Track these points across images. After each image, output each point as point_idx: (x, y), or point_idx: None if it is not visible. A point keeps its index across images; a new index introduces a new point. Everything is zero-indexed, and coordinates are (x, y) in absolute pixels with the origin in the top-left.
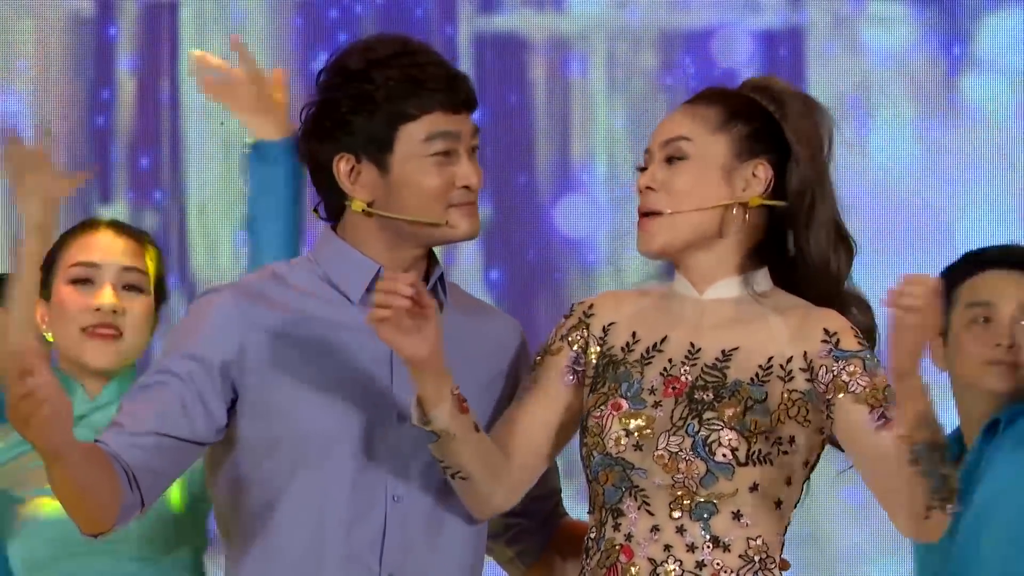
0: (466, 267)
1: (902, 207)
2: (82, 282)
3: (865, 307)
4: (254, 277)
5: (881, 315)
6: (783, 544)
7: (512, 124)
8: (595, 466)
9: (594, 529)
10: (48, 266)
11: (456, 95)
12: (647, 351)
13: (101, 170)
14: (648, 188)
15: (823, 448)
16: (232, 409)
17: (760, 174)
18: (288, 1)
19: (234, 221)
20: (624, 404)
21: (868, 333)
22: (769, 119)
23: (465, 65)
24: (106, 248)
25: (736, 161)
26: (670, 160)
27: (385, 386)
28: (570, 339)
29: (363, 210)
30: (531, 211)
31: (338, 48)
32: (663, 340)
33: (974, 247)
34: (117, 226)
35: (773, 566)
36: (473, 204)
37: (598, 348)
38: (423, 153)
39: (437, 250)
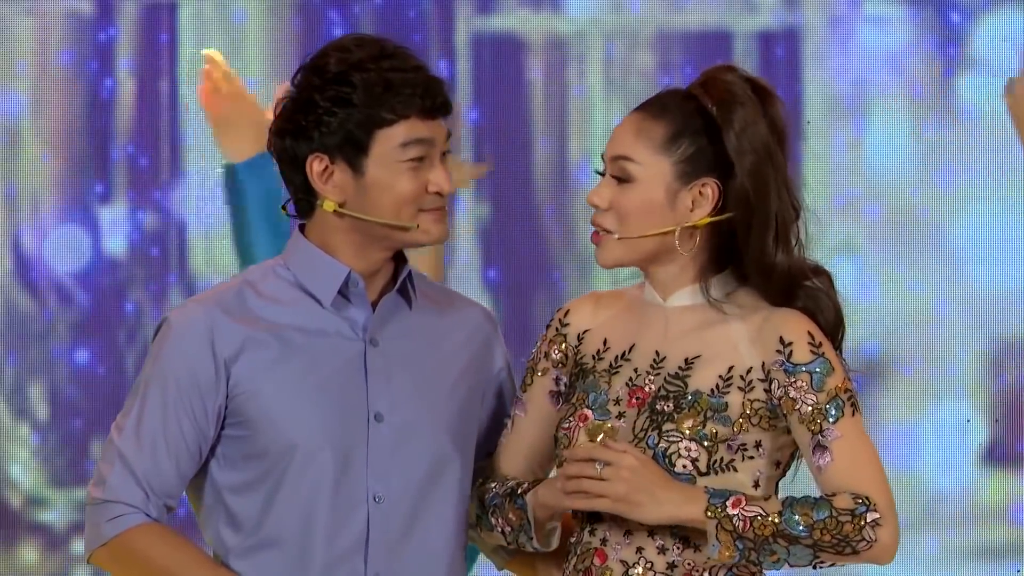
0: (464, 266)
1: (897, 205)
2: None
3: (823, 295)
4: (226, 288)
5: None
6: None
7: (509, 123)
8: None
9: (576, 532)
10: None
11: (432, 101)
12: (615, 360)
13: (101, 170)
14: (595, 205)
15: (795, 451)
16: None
17: (707, 192)
18: (287, 1)
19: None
20: (590, 415)
21: (835, 320)
22: (715, 131)
23: (463, 65)
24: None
25: (681, 183)
26: (618, 179)
27: (360, 388)
28: (553, 356)
29: (335, 210)
30: (528, 210)
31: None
32: (631, 348)
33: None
34: None
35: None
36: (442, 209)
37: (574, 356)
38: (398, 159)
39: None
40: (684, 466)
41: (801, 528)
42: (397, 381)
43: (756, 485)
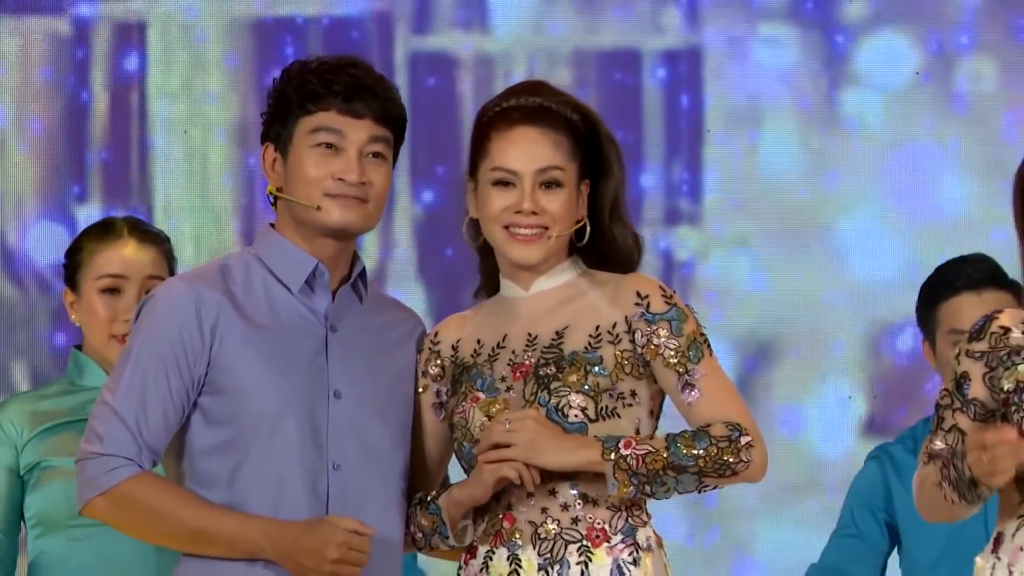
0: (401, 261)
1: (788, 207)
2: (110, 291)
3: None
4: (205, 269)
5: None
6: None
7: (443, 132)
8: (467, 454)
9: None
10: (75, 261)
11: (353, 103)
12: (492, 350)
13: (77, 173)
14: (531, 212)
15: (663, 397)
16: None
17: (584, 191)
18: (245, 24)
19: (195, 221)
20: (481, 396)
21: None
22: (591, 142)
23: (401, 80)
24: (132, 261)
25: (579, 183)
26: (547, 186)
27: (322, 368)
28: (430, 372)
29: (272, 192)
30: (459, 209)
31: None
32: (504, 338)
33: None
34: (140, 234)
35: (639, 512)
36: (348, 197)
37: (452, 364)
38: (308, 143)
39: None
40: (576, 416)
41: (687, 459)
42: (353, 364)
43: (637, 431)
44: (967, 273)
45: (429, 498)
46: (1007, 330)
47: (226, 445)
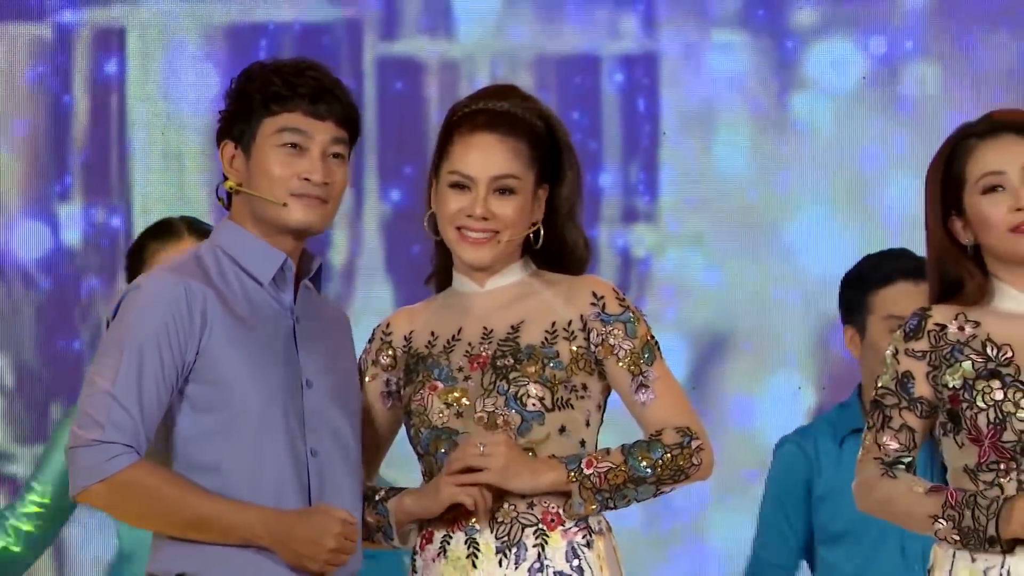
0: (370, 254)
1: (740, 206)
2: None
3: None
4: (184, 262)
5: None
6: None
7: (410, 133)
8: (424, 440)
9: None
10: (138, 260)
11: (319, 105)
12: (447, 342)
13: (60, 173)
14: (483, 217)
15: (609, 393)
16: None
17: (541, 195)
18: (220, 29)
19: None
20: (439, 384)
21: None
22: (546, 146)
23: (369, 83)
24: None
25: (536, 189)
26: (501, 192)
27: (294, 358)
28: (381, 362)
29: (231, 187)
30: (423, 208)
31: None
32: (459, 331)
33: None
34: (198, 233)
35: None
36: (312, 197)
37: (404, 354)
38: (274, 143)
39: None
40: (533, 404)
41: (646, 470)
42: (317, 355)
43: (587, 424)
44: (902, 264)
45: (378, 497)
46: (943, 327)
47: (213, 433)
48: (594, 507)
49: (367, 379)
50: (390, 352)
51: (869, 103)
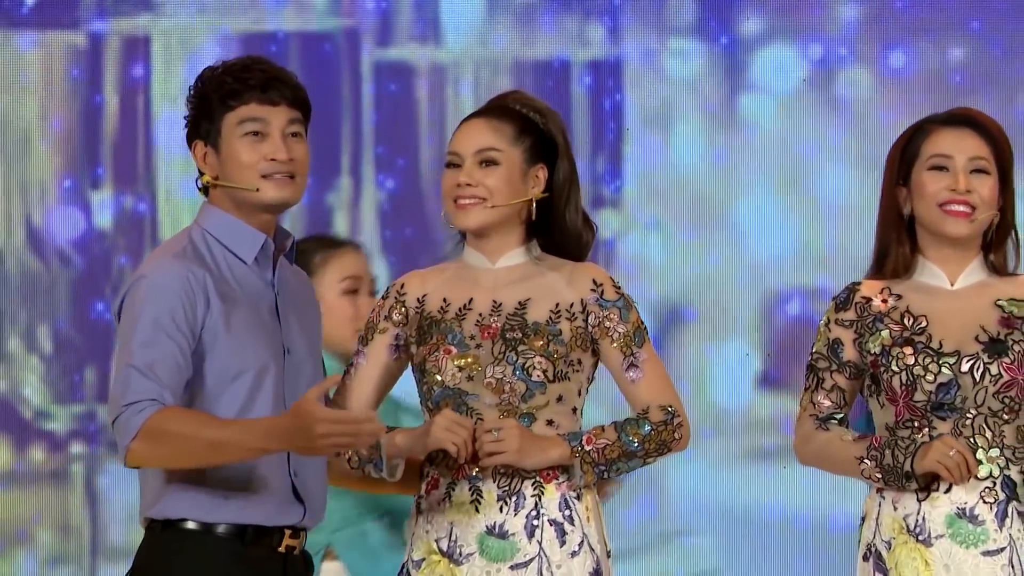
0: (368, 233)
1: (695, 195)
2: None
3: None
4: (183, 246)
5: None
6: None
7: (403, 129)
8: (435, 397)
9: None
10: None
11: (269, 92)
12: (459, 310)
13: (92, 164)
14: (468, 184)
15: (596, 367)
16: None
17: (540, 176)
18: (235, 37)
19: (193, 206)
20: (453, 349)
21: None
22: (541, 133)
23: (367, 86)
24: (365, 266)
25: (527, 166)
26: (484, 164)
27: (276, 328)
28: (393, 318)
29: (210, 183)
30: (416, 193)
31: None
32: (470, 301)
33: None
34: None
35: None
36: (280, 175)
37: (417, 315)
38: (237, 134)
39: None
40: (538, 376)
41: (636, 445)
42: (293, 323)
43: (579, 394)
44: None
45: None
46: (869, 300)
47: (215, 396)
48: (591, 478)
49: (379, 332)
50: (402, 310)
51: (808, 103)
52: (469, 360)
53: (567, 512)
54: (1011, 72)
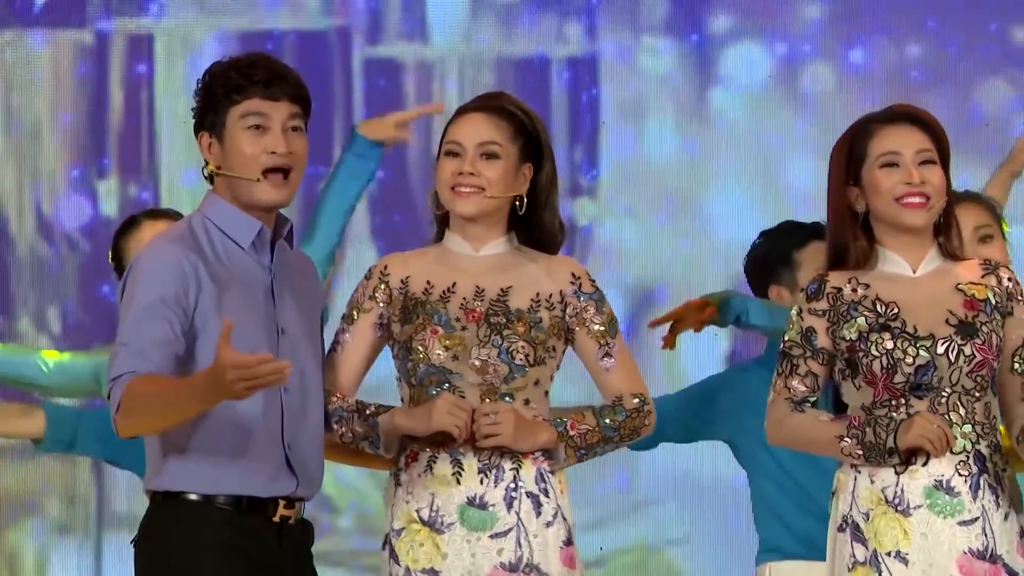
0: (357, 218)
1: (667, 184)
2: None
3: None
4: (180, 232)
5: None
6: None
7: None
8: (420, 375)
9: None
10: (116, 257)
11: (271, 88)
12: (443, 293)
13: (99, 155)
14: (470, 173)
15: (563, 355)
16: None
17: (527, 174)
18: (234, 35)
19: (194, 196)
20: (440, 329)
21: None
22: (530, 135)
23: (357, 82)
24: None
25: (520, 164)
26: (486, 156)
27: (271, 310)
28: (377, 297)
29: (212, 171)
30: (404, 185)
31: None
32: (453, 285)
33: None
34: (155, 216)
35: None
36: (280, 169)
37: (401, 295)
38: (241, 127)
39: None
40: (521, 359)
41: (613, 431)
42: (289, 304)
43: (551, 378)
44: (808, 228)
45: (368, 412)
46: (839, 290)
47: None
48: (573, 461)
49: (363, 311)
50: (386, 290)
51: (775, 97)
52: (455, 341)
53: (543, 485)
54: (965, 68)
